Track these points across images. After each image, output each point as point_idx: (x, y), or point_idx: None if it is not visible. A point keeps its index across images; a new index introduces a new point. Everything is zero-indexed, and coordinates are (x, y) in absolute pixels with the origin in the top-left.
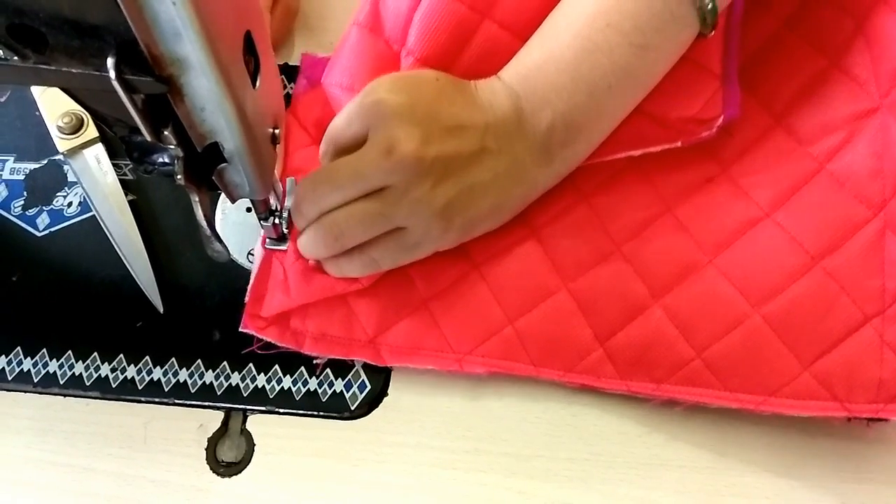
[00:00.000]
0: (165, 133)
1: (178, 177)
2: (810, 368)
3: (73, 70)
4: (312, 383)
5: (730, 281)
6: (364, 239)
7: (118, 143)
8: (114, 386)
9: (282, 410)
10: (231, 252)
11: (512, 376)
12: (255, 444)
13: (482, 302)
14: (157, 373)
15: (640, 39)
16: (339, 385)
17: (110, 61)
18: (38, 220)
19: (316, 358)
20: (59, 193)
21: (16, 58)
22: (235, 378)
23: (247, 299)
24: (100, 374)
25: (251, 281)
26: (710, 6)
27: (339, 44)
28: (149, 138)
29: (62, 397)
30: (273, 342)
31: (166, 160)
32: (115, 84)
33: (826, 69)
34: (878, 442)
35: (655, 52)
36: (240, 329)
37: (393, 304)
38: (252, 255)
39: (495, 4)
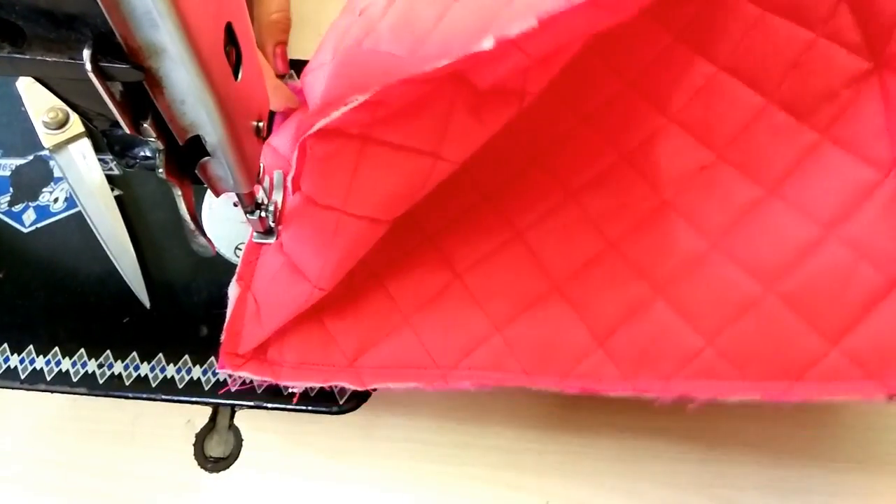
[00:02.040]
0: (145, 126)
1: (160, 170)
2: (838, 346)
3: (48, 59)
4: None
5: (737, 264)
6: None
7: (103, 138)
8: (101, 382)
9: (270, 405)
10: (218, 247)
11: None
12: (242, 440)
13: (466, 312)
14: (145, 368)
15: None
16: None
17: (86, 53)
18: (24, 217)
19: (292, 387)
20: (45, 189)
21: None
22: (223, 373)
23: (222, 338)
24: (87, 370)
25: (227, 319)
26: None
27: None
28: (128, 131)
29: (49, 394)
30: (250, 377)
31: (148, 154)
32: (90, 72)
33: (813, 42)
34: (870, 430)
35: None
36: (217, 370)
37: (372, 324)
38: (240, 250)
39: None
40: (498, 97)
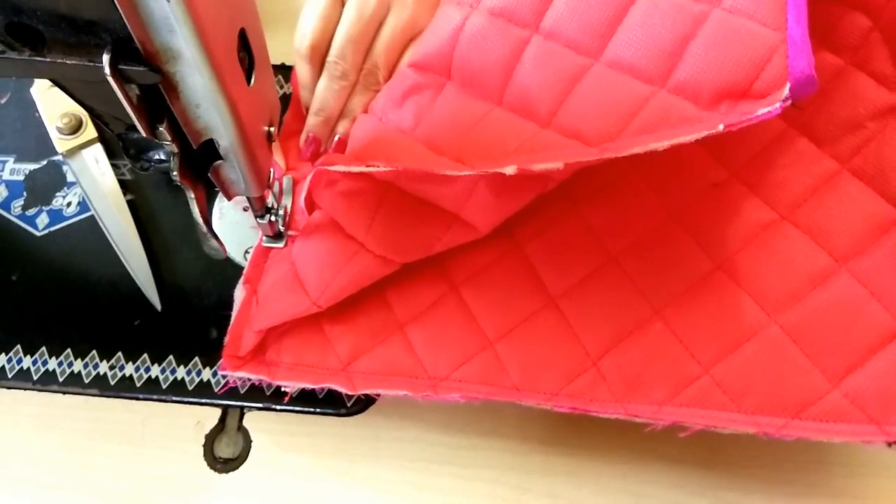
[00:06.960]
0: (160, 129)
1: (174, 173)
2: (840, 386)
3: (68, 61)
4: None
5: (742, 288)
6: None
7: (116, 143)
8: (112, 383)
9: (278, 407)
10: (228, 251)
11: None
12: (251, 441)
13: (460, 324)
14: (155, 370)
15: None
16: None
17: (105, 57)
18: (38, 220)
19: (285, 386)
20: (58, 193)
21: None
22: (229, 376)
23: (225, 341)
24: (98, 372)
25: (231, 323)
26: None
27: None
28: (144, 134)
29: (61, 394)
30: (247, 376)
31: (162, 157)
32: (108, 75)
33: (842, 69)
34: None
35: None
36: (218, 372)
37: (368, 330)
38: (249, 253)
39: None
40: (521, 182)
